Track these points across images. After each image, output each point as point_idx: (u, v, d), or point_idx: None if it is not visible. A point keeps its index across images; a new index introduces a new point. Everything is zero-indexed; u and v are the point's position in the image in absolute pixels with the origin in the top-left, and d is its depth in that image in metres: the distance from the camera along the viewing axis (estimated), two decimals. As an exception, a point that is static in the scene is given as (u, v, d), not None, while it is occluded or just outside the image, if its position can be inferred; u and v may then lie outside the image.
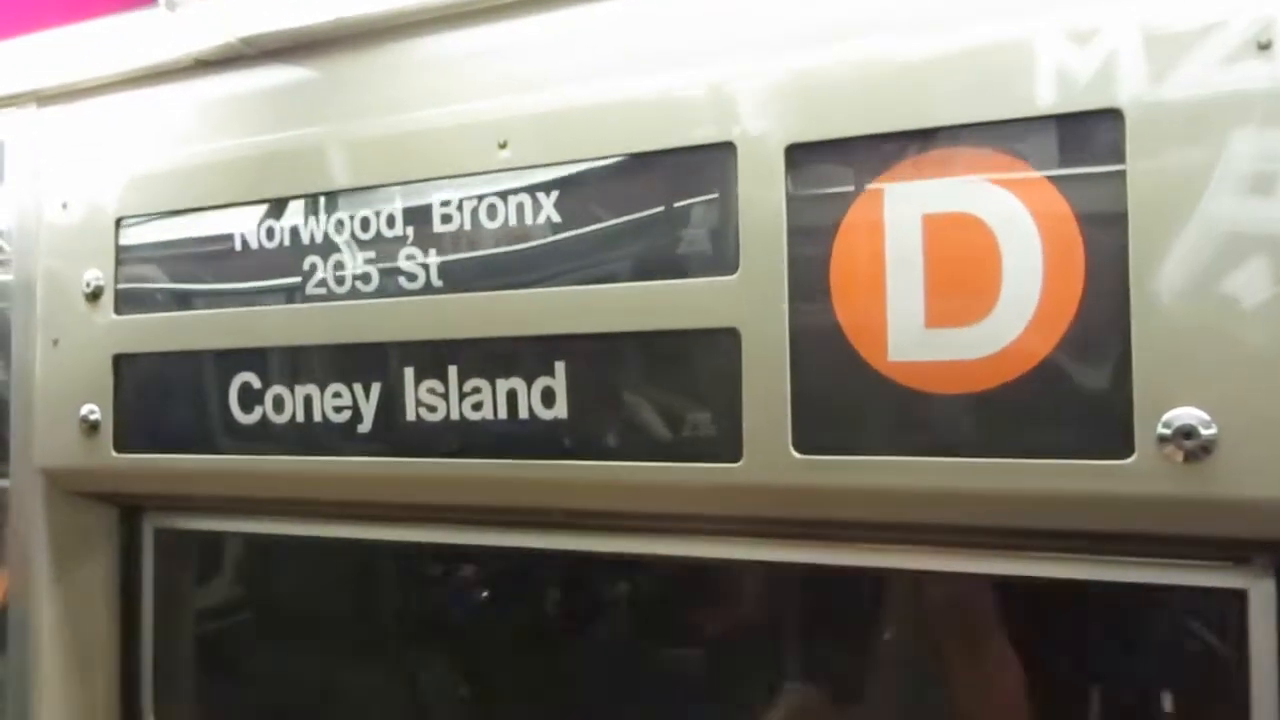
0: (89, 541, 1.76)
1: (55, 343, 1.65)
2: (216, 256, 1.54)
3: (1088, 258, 1.04)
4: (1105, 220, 1.03)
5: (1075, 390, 1.04)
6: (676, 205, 1.23)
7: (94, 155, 1.65)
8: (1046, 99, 1.06)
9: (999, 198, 1.08)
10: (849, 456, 1.12)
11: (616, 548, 1.34)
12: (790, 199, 1.15)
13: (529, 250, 1.31)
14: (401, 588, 1.69)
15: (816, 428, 1.14)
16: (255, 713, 1.82)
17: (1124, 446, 1.01)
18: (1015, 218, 1.07)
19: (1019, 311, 1.06)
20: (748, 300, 1.17)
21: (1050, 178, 1.06)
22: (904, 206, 1.11)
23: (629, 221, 1.26)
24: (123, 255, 1.60)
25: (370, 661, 1.71)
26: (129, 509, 1.77)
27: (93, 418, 1.61)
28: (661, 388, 1.23)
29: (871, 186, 1.13)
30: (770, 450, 1.15)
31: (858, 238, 1.13)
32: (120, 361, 1.59)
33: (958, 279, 1.09)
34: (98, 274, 1.61)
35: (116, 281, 1.61)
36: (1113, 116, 1.03)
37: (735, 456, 1.17)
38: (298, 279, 1.46)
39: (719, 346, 1.19)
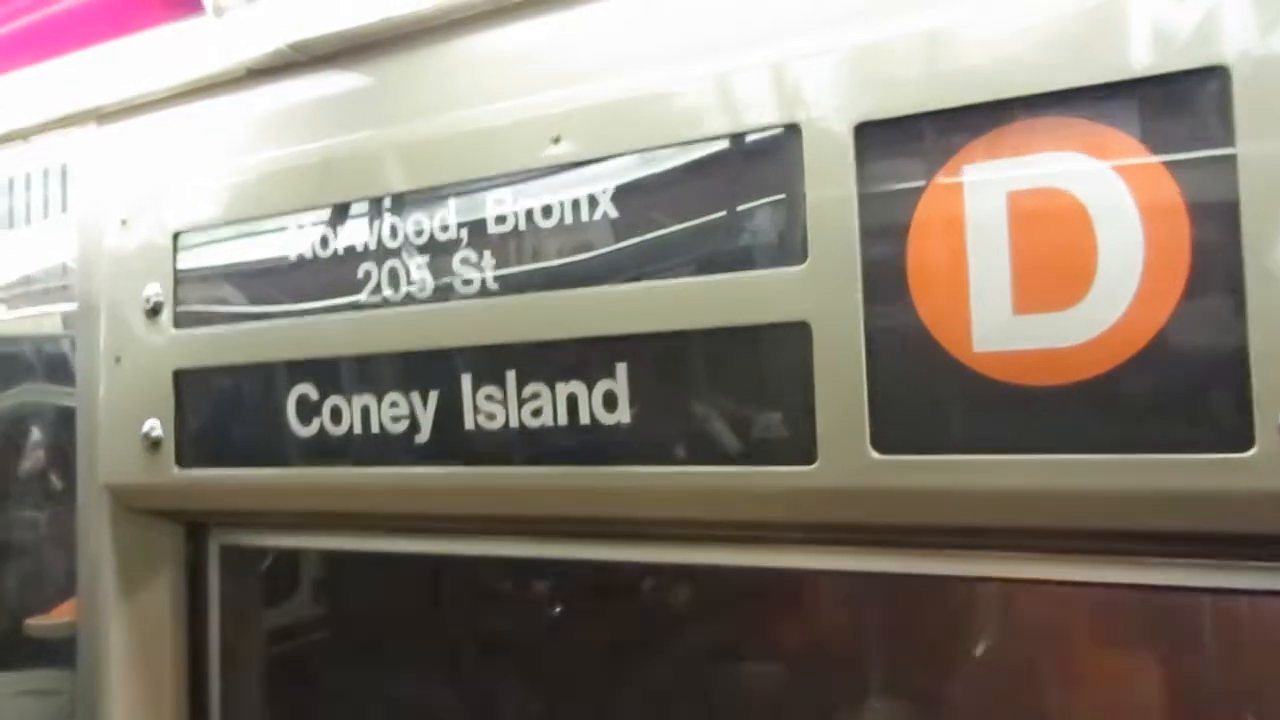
0: (155, 559, 1.75)
1: (118, 360, 1.64)
2: (272, 267, 1.51)
3: (1194, 230, 0.94)
4: (1212, 188, 0.94)
5: (1185, 377, 0.94)
6: (739, 194, 1.17)
7: (151, 171, 1.65)
8: (1141, 60, 0.97)
9: (1091, 170, 0.99)
10: (933, 456, 1.04)
11: (683, 558, 1.27)
12: (861, 181, 1.08)
13: (586, 248, 1.26)
14: (469, 603, 1.64)
15: (897, 426, 1.06)
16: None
17: (1242, 438, 0.91)
18: (1110, 190, 0.98)
19: (1118, 293, 0.97)
20: (818, 291, 1.09)
21: (1149, 145, 0.97)
22: (986, 184, 1.03)
23: (689, 214, 1.20)
24: (181, 270, 1.59)
25: (440, 679, 1.67)
26: (195, 526, 1.76)
27: (154, 434, 1.59)
28: (728, 387, 1.16)
29: (950, 164, 1.04)
30: (847, 451, 1.07)
31: (936, 220, 1.05)
32: (180, 376, 1.58)
33: (1048, 260, 1.00)
34: (157, 289, 1.60)
35: (176, 296, 1.59)
36: (1218, 75, 0.93)
37: (809, 458, 1.09)
38: (353, 287, 1.42)
39: (788, 342, 1.11)
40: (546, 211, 1.28)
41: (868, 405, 1.06)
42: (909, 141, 1.07)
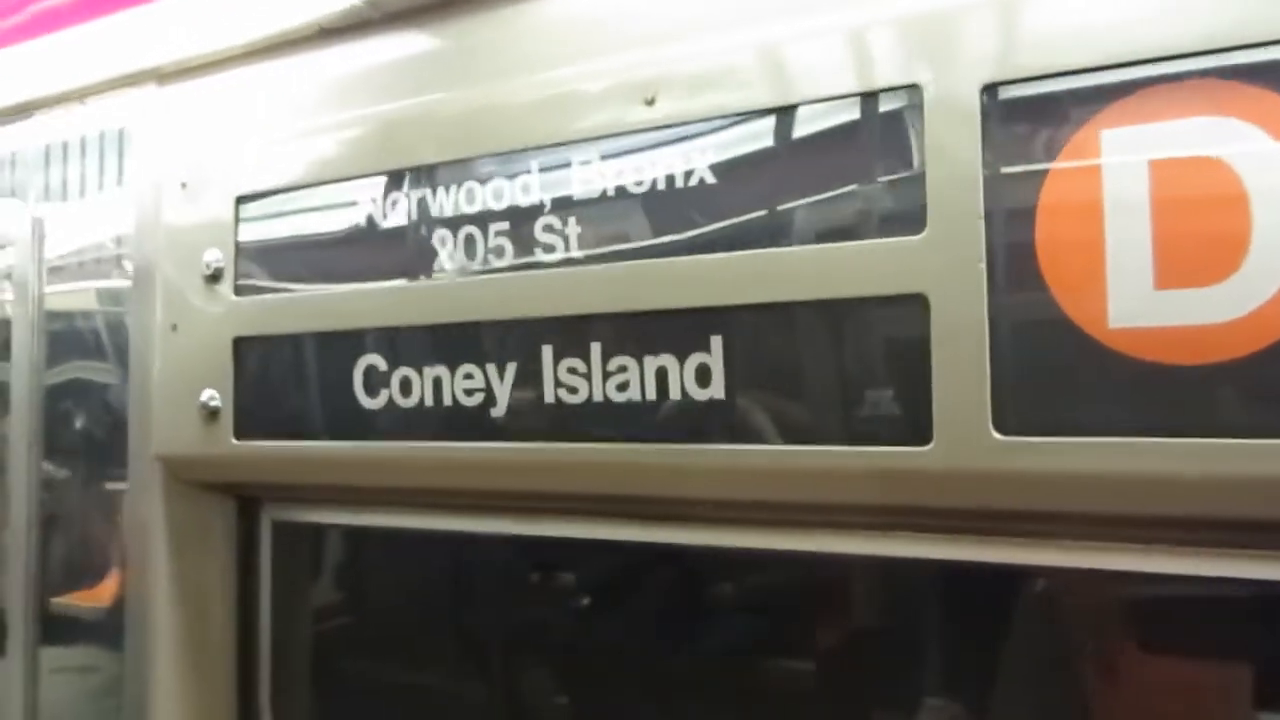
0: (207, 534, 1.70)
1: (174, 327, 1.59)
2: (340, 233, 1.46)
3: (1363, 201, 0.88)
4: (1384, 156, 0.87)
5: (1350, 357, 0.88)
6: (850, 159, 1.10)
7: (214, 133, 1.60)
8: (1304, 15, 0.90)
9: (1243, 134, 0.92)
10: (1062, 438, 0.97)
11: (782, 544, 1.20)
12: (987, 145, 1.01)
13: (680, 216, 1.20)
14: (532, 588, 1.59)
15: (1022, 405, 0.99)
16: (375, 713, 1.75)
17: None
18: (1266, 157, 0.91)
19: (1274, 266, 0.90)
20: (937, 262, 1.03)
21: (1311, 109, 0.90)
22: (1125, 150, 0.96)
23: (794, 179, 1.14)
24: (243, 235, 1.54)
25: (499, 667, 1.62)
26: (247, 500, 1.71)
27: (213, 404, 1.54)
28: (834, 362, 1.10)
29: (1087, 127, 0.98)
30: (966, 431, 1.01)
31: (1069, 188, 0.98)
32: (240, 345, 1.53)
33: (1194, 232, 0.93)
34: (218, 255, 1.55)
35: (237, 262, 1.54)
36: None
37: (923, 439, 1.03)
38: (427, 254, 1.37)
39: (902, 315, 1.05)
40: (638, 177, 1.22)
41: (990, 383, 1.00)
42: (1041, 103, 1.01)
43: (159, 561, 1.68)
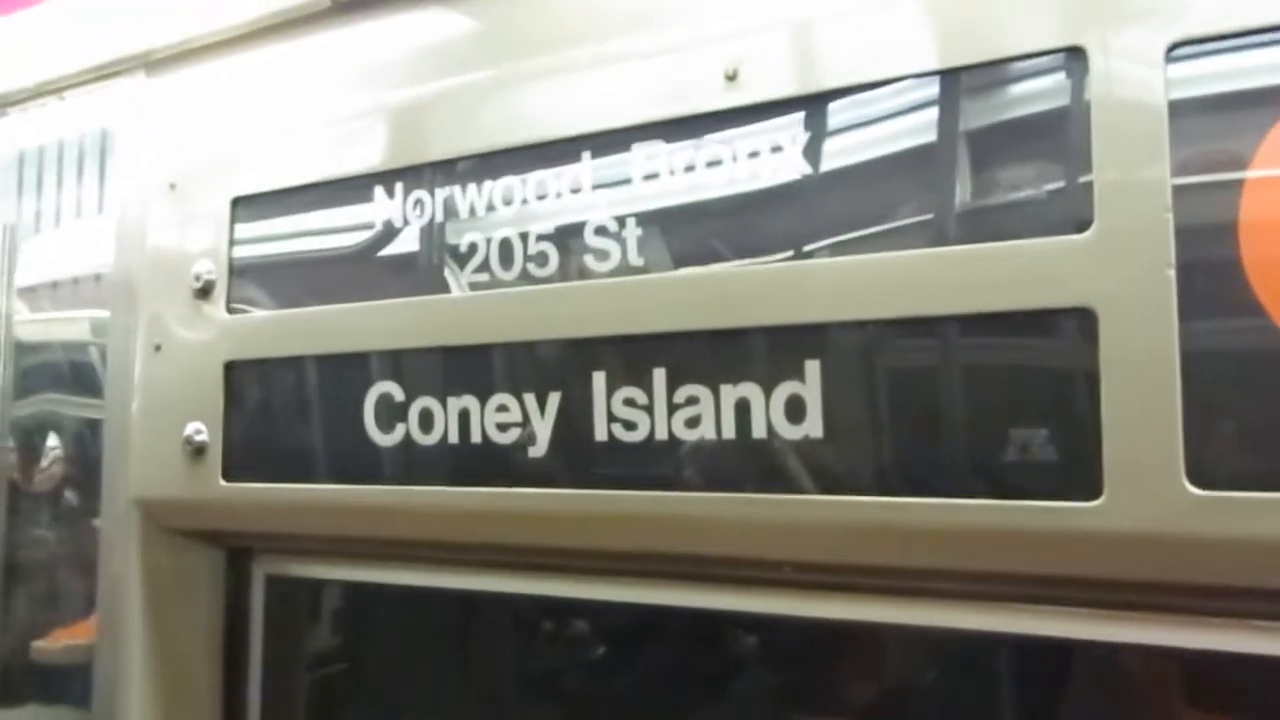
0: (190, 589, 1.48)
1: (157, 348, 1.38)
2: (351, 240, 1.25)
3: None
4: None
5: None
6: (988, 138, 0.89)
7: (208, 127, 1.39)
8: None
9: None
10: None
11: (899, 616, 0.97)
12: (1176, 119, 0.80)
13: (766, 214, 0.98)
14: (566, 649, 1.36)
15: (1227, 452, 0.77)
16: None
17: None
18: None
19: None
20: (1108, 268, 0.81)
21: None
22: (1363, 123, 0.75)
23: (914, 165, 0.92)
24: (239, 242, 1.33)
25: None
26: (237, 551, 1.48)
27: (198, 439, 1.32)
28: (969, 394, 0.88)
29: (1311, 97, 0.77)
30: (1149, 484, 0.79)
31: (1287, 173, 0.77)
32: (233, 370, 1.31)
33: None
34: (209, 266, 1.34)
35: (231, 274, 1.33)
36: None
37: (1091, 492, 0.81)
38: (453, 263, 1.16)
39: (1062, 334, 0.84)
40: (715, 167, 1.01)
41: (1183, 423, 0.78)
42: (1246, 65, 0.79)
43: (135, 615, 1.45)
